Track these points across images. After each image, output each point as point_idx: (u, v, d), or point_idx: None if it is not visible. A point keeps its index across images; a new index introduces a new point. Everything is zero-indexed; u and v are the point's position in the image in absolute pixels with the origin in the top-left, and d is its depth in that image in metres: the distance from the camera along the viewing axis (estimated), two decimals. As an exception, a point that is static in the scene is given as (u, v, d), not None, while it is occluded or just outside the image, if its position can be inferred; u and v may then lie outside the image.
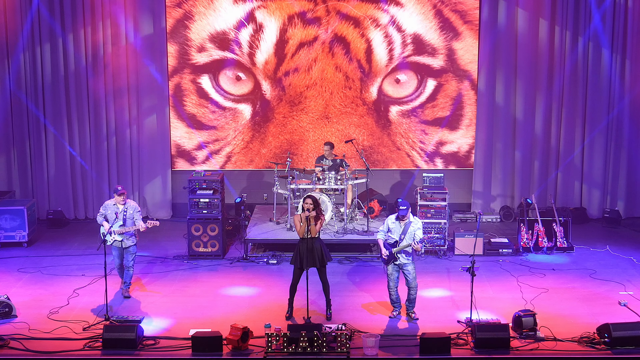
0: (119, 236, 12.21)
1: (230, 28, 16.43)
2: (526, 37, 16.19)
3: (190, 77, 16.67)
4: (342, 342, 10.30)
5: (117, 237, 12.21)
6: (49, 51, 16.17)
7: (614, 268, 13.70)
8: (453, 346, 10.48)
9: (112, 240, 12.23)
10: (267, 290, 12.71)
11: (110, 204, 12.36)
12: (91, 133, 16.57)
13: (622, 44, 16.13)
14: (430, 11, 16.34)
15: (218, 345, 10.39)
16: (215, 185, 14.43)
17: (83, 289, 12.65)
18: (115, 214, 12.24)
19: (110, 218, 12.24)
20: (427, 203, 14.55)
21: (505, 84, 16.43)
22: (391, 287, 11.48)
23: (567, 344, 10.63)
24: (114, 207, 12.29)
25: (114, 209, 12.28)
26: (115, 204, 12.31)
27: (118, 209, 12.26)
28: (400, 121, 16.86)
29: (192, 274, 13.51)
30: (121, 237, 12.22)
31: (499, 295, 12.39)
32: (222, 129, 16.91)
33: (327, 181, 14.61)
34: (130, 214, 12.28)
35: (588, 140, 16.58)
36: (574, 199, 16.87)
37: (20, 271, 13.60)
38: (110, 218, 12.24)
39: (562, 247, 14.51)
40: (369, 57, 16.53)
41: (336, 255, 13.90)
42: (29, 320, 11.35)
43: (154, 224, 12.30)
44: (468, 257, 12.64)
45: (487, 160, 16.78)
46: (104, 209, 12.36)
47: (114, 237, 12.20)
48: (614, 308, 11.87)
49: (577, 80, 16.34)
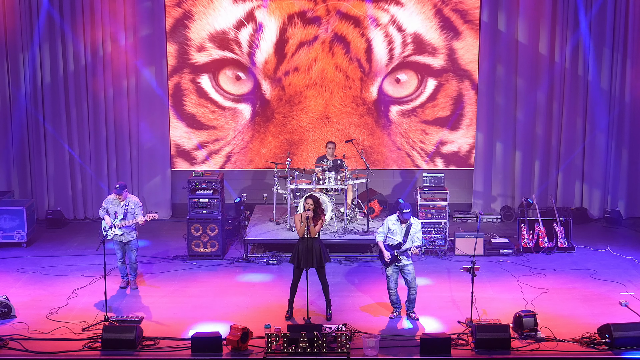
0: (119, 230, 12.36)
1: (230, 27, 16.40)
2: (527, 36, 16.16)
3: (190, 77, 16.65)
4: (342, 342, 10.29)
5: (117, 232, 12.40)
6: (48, 51, 16.15)
7: (615, 268, 13.66)
8: (453, 347, 10.46)
9: (112, 234, 12.39)
10: (267, 290, 12.68)
11: (111, 198, 12.59)
12: (90, 133, 16.55)
13: (623, 42, 16.09)
14: (430, 11, 16.31)
15: (218, 346, 10.38)
16: (214, 185, 14.40)
17: (82, 289, 12.62)
18: (114, 213, 12.38)
19: (111, 213, 12.42)
20: (428, 203, 14.52)
21: (506, 83, 16.41)
22: (391, 288, 11.46)
23: (567, 344, 10.61)
24: (115, 201, 12.50)
25: (115, 204, 12.46)
26: (115, 199, 12.52)
27: (119, 205, 12.38)
28: (401, 121, 16.83)
29: (192, 274, 13.48)
30: (121, 232, 12.39)
31: (499, 296, 12.37)
32: (221, 129, 16.88)
33: (327, 181, 14.57)
34: (132, 209, 12.44)
35: (589, 139, 16.54)
36: (574, 199, 16.84)
37: (19, 271, 13.57)
38: (111, 213, 12.42)
39: (562, 247, 14.49)
40: (369, 57, 16.51)
41: (336, 255, 13.91)
42: (28, 321, 11.32)
43: (153, 217, 12.43)
44: (468, 257, 12.61)
45: (487, 160, 16.76)
46: (105, 203, 12.57)
47: (114, 231, 12.38)
48: (615, 308, 11.85)
49: (578, 79, 16.31)
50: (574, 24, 16.06)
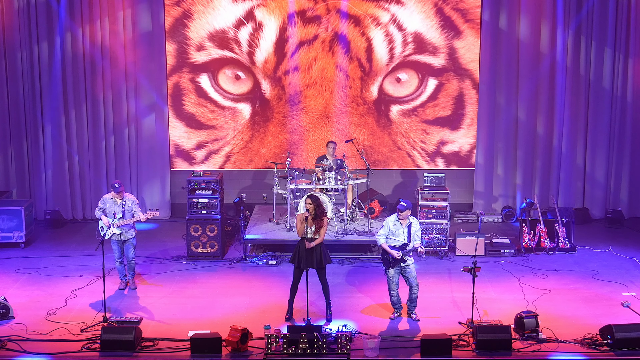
0: (118, 229, 12.31)
1: (229, 27, 16.36)
2: (528, 35, 16.13)
3: (189, 76, 16.61)
4: (343, 343, 10.26)
5: (116, 231, 12.36)
6: (46, 49, 16.12)
7: (617, 269, 13.64)
8: (454, 348, 10.44)
9: (110, 233, 12.34)
10: (267, 291, 12.65)
11: (108, 198, 12.50)
12: (89, 132, 16.52)
13: (625, 42, 16.06)
14: (431, 9, 16.27)
15: (217, 347, 10.36)
16: (214, 185, 14.37)
17: (81, 290, 12.59)
18: (113, 214, 12.34)
19: (109, 213, 12.34)
20: (428, 203, 14.49)
21: (507, 83, 16.37)
22: (392, 289, 11.45)
23: (569, 345, 10.59)
24: (112, 201, 12.41)
25: (112, 203, 12.37)
26: (113, 198, 12.40)
27: (116, 204, 12.34)
28: (401, 120, 16.79)
29: (191, 275, 13.46)
30: (120, 231, 12.35)
31: (500, 297, 12.35)
32: (221, 129, 16.84)
33: (327, 181, 14.53)
34: (129, 207, 12.42)
35: (590, 139, 16.51)
36: (576, 199, 16.81)
37: (17, 272, 13.54)
38: (109, 213, 12.34)
39: (564, 247, 14.46)
40: (370, 56, 16.46)
41: (336, 256, 13.86)
42: (26, 322, 11.30)
43: (154, 214, 12.44)
44: (469, 257, 12.57)
45: (488, 160, 16.72)
46: (102, 203, 12.48)
47: (112, 231, 12.33)
48: (616, 309, 11.83)
49: (580, 79, 16.28)
50: (575, 23, 16.02)
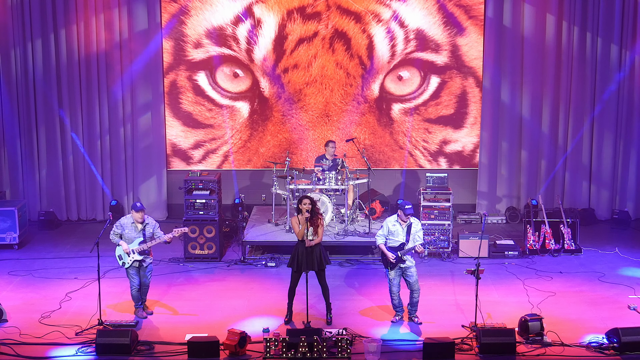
0: (139, 255, 11.28)
1: (227, 23, 16.27)
2: (533, 32, 16.06)
3: (186, 74, 16.53)
4: (343, 347, 10.28)
5: (137, 257, 11.28)
6: (40, 47, 16.04)
7: (623, 271, 13.59)
8: (457, 351, 10.42)
9: (131, 261, 11.26)
10: (265, 293, 12.61)
11: (128, 223, 11.33)
12: (84, 132, 16.45)
13: (632, 39, 16.00)
14: (433, 6, 16.19)
15: (215, 351, 10.34)
16: (212, 185, 14.33)
17: (76, 293, 12.53)
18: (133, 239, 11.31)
19: (127, 239, 11.28)
20: (431, 204, 14.45)
21: (511, 81, 16.31)
22: (393, 292, 11.41)
23: (575, 349, 10.56)
24: (133, 226, 11.31)
25: (132, 229, 11.30)
26: (133, 223, 11.33)
27: (137, 230, 11.29)
28: (403, 119, 16.69)
29: (188, 277, 13.43)
30: (142, 257, 11.28)
31: (504, 299, 12.31)
32: (219, 128, 16.77)
33: (327, 181, 14.43)
34: (150, 232, 11.36)
35: (596, 139, 16.45)
36: (581, 200, 16.74)
37: (10, 274, 13.50)
38: (127, 239, 11.28)
39: (569, 249, 14.42)
40: (371, 54, 16.38)
41: (337, 257, 13.87)
42: (19, 325, 11.22)
43: (183, 231, 11.58)
44: (473, 259, 12.59)
45: (492, 160, 16.66)
46: (119, 229, 11.32)
47: (133, 257, 11.25)
48: (623, 312, 11.78)
49: (585, 77, 16.22)
50: (581, 19, 15.97)
